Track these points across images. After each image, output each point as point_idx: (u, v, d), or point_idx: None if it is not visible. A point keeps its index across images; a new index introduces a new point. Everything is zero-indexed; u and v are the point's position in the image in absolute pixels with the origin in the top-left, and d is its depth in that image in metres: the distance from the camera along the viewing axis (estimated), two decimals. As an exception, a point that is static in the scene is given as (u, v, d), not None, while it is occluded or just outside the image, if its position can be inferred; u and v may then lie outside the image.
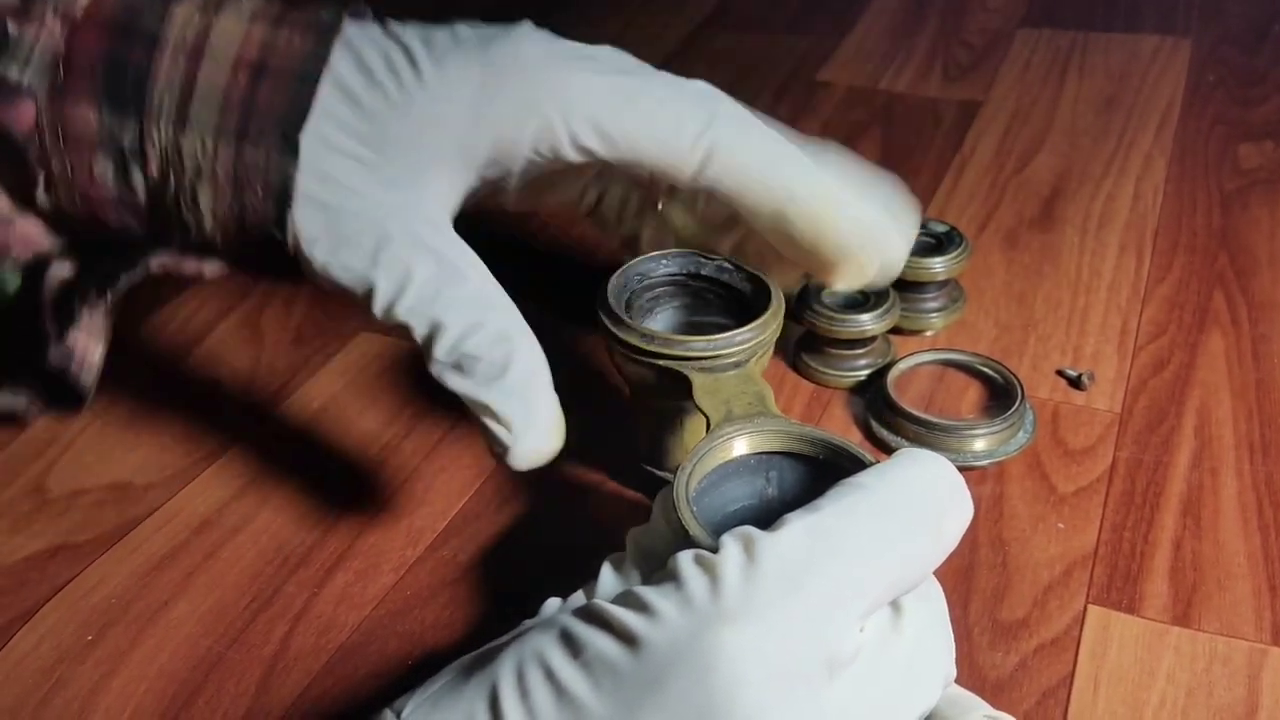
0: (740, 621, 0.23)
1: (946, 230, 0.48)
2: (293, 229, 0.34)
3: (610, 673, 0.23)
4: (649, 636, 0.23)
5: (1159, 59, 0.72)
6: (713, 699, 0.22)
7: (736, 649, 0.23)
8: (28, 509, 0.42)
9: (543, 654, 0.24)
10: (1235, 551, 0.37)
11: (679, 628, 0.23)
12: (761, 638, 0.23)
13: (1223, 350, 0.46)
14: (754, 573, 0.24)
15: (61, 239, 0.37)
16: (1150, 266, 0.52)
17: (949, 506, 0.26)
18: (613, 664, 0.23)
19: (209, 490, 0.43)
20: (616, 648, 0.23)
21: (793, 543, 0.24)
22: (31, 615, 0.38)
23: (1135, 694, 0.33)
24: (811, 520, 0.25)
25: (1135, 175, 0.59)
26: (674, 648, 0.23)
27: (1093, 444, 0.42)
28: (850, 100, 0.70)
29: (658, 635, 0.23)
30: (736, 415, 0.32)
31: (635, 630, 0.23)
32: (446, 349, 0.33)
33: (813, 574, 0.24)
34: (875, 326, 0.44)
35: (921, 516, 0.26)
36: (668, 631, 0.23)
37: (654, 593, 0.24)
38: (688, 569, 0.24)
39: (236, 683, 0.35)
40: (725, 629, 0.23)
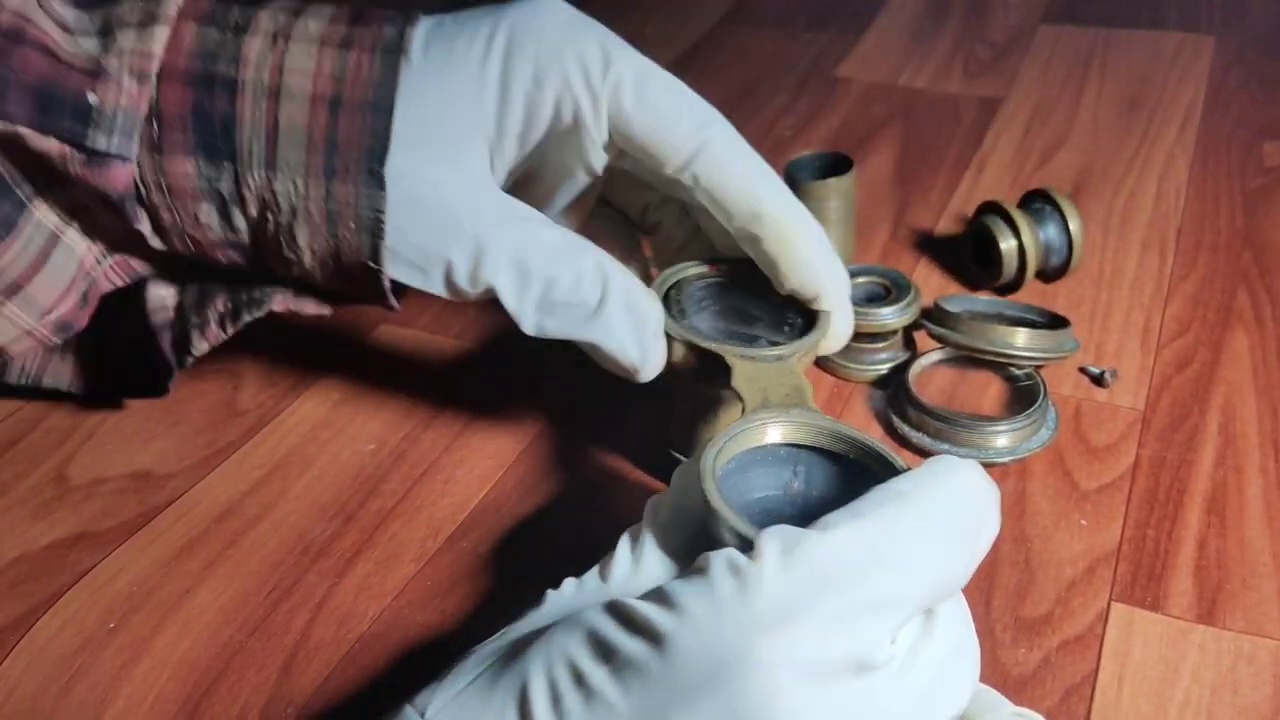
0: (777, 628, 0.22)
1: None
2: (385, 258, 0.35)
3: (640, 676, 0.23)
4: (680, 639, 0.23)
5: (1181, 57, 0.71)
6: (747, 707, 0.22)
7: (772, 657, 0.22)
8: (49, 497, 0.42)
9: (572, 656, 0.24)
10: (1260, 550, 0.37)
11: (712, 631, 0.23)
12: (798, 646, 0.22)
13: (1246, 348, 0.46)
14: (792, 577, 0.23)
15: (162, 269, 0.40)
16: (1174, 264, 0.52)
17: (985, 519, 0.26)
18: (643, 667, 0.23)
19: (230, 480, 0.43)
20: (647, 650, 0.23)
21: (833, 549, 0.24)
22: (53, 602, 0.38)
23: (1159, 692, 0.33)
24: (853, 527, 0.24)
25: (1158, 173, 0.59)
26: (707, 652, 0.22)
27: (1116, 441, 0.42)
28: (870, 96, 0.70)
29: (689, 638, 0.23)
30: (773, 404, 0.32)
31: (666, 631, 0.23)
32: (536, 301, 0.35)
33: (852, 583, 0.23)
34: (896, 320, 0.44)
35: (960, 529, 0.26)
36: (700, 635, 0.23)
37: (686, 591, 0.23)
38: (721, 568, 0.24)
39: (257, 672, 0.35)
40: (761, 636, 0.22)
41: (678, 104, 0.36)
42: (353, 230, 0.35)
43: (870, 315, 0.44)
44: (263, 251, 0.37)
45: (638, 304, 0.36)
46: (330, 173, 0.35)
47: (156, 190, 0.35)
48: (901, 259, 0.53)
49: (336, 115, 0.35)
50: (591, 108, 0.36)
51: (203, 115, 0.35)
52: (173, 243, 0.37)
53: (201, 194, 0.35)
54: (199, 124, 0.35)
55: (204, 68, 0.35)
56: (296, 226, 0.35)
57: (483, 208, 0.35)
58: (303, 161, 0.35)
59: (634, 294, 0.36)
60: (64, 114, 0.34)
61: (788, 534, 0.24)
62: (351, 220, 0.35)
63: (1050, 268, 0.50)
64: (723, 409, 0.39)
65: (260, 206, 0.35)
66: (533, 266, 0.35)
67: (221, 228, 0.36)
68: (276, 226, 0.36)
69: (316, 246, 0.36)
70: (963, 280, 0.51)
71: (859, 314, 0.44)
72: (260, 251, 0.37)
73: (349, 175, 0.35)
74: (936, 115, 0.67)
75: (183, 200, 0.36)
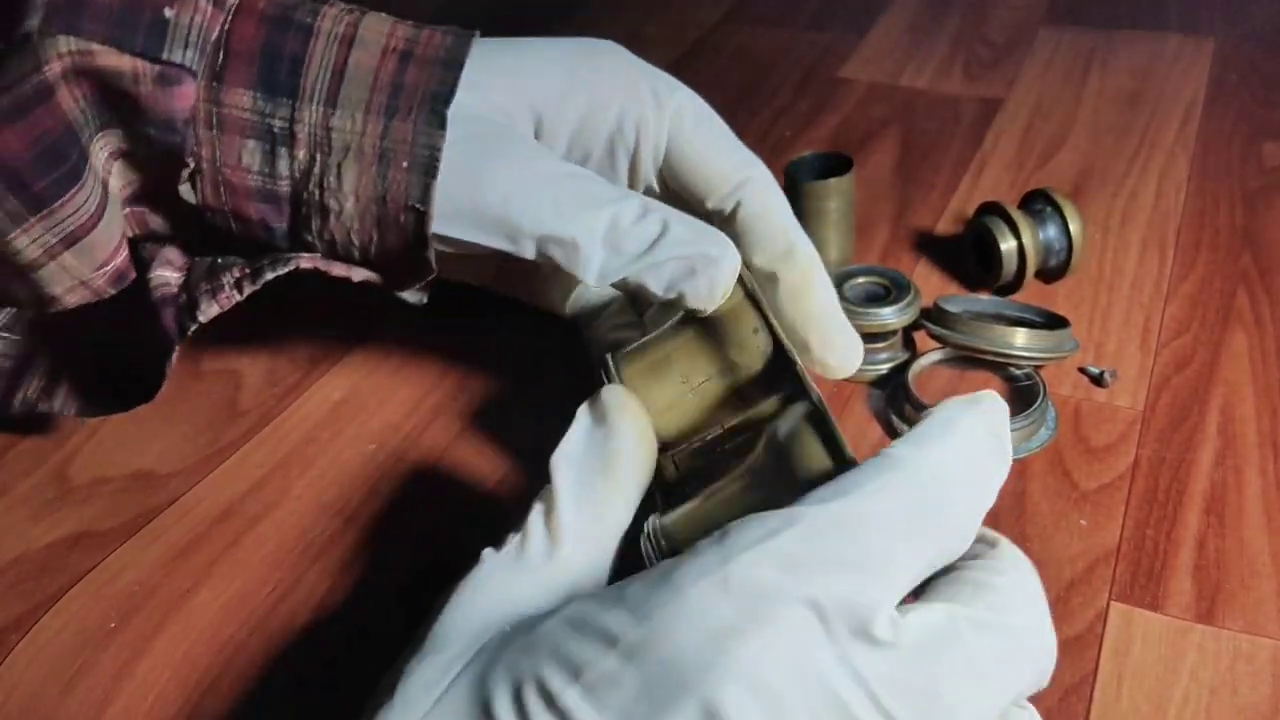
0: (752, 629, 0.22)
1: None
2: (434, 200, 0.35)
3: (616, 690, 0.22)
4: (653, 648, 0.22)
5: (1182, 57, 0.71)
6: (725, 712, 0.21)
7: (748, 659, 0.21)
8: (50, 496, 0.42)
9: (540, 677, 0.23)
10: (1259, 550, 0.37)
11: (685, 636, 0.22)
12: (776, 646, 0.22)
13: (1246, 349, 0.46)
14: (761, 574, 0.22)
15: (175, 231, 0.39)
16: (1173, 264, 0.52)
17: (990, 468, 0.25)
18: (617, 681, 0.22)
19: (230, 479, 0.43)
20: (618, 663, 0.22)
21: (812, 533, 0.23)
22: (54, 602, 0.38)
23: (1159, 691, 0.33)
24: (834, 509, 0.23)
25: (1158, 173, 0.59)
26: (681, 659, 0.22)
27: (1115, 441, 0.42)
28: (871, 97, 0.70)
29: (662, 646, 0.22)
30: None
31: (636, 641, 0.22)
32: (601, 238, 0.35)
33: (834, 573, 0.22)
34: (896, 321, 0.44)
35: (956, 492, 0.25)
36: (673, 642, 0.22)
37: (654, 595, 0.23)
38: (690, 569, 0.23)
39: (258, 671, 0.35)
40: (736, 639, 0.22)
41: (730, 138, 0.39)
42: (404, 170, 0.35)
43: (870, 315, 0.44)
44: (299, 204, 0.36)
45: (698, 225, 0.36)
46: (391, 111, 0.35)
47: (205, 125, 0.35)
48: (901, 259, 0.53)
49: (406, 65, 0.35)
50: (655, 125, 0.38)
51: (272, 51, 0.35)
52: (205, 191, 0.36)
53: (251, 129, 0.35)
54: (267, 59, 0.35)
55: (282, 12, 0.36)
56: (345, 167, 0.35)
57: (539, 155, 0.36)
58: (364, 99, 0.35)
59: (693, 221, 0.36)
60: (139, 30, 0.34)
61: (764, 522, 0.23)
62: (405, 159, 0.35)
63: (1050, 268, 0.50)
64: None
65: (310, 146, 0.35)
66: (593, 205, 0.35)
67: (262, 171, 0.36)
68: (323, 169, 0.35)
69: (363, 190, 0.35)
70: (963, 281, 0.51)
71: (859, 314, 0.44)
72: (297, 204, 0.36)
73: (409, 115, 0.35)
74: (937, 115, 0.67)
75: (230, 136, 0.35)
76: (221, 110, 0.35)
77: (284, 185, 0.36)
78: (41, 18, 0.32)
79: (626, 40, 0.40)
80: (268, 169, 0.36)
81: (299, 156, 0.36)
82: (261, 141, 0.35)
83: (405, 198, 0.35)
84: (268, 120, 0.35)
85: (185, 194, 0.36)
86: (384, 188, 0.35)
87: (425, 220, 0.35)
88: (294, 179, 0.36)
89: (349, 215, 0.36)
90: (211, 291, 0.37)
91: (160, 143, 0.35)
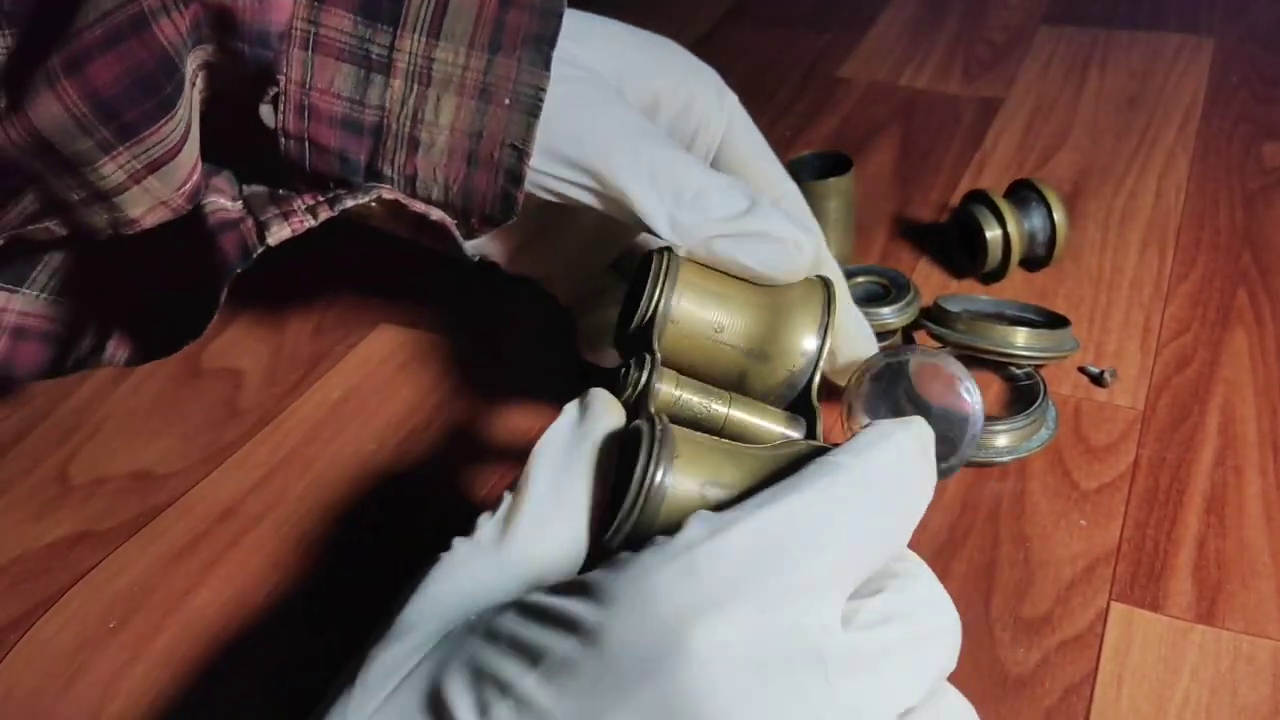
0: (711, 615, 0.22)
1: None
2: (535, 139, 0.35)
3: (573, 674, 0.22)
4: (611, 631, 0.22)
5: (1182, 57, 0.71)
6: (682, 700, 0.21)
7: (706, 646, 0.21)
8: (51, 496, 0.42)
9: (493, 667, 0.23)
10: (1260, 550, 0.37)
11: (643, 621, 0.22)
12: (734, 631, 0.22)
13: (1246, 348, 0.46)
14: (724, 561, 0.22)
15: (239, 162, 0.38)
16: (1173, 264, 0.52)
17: (922, 482, 0.26)
18: (574, 665, 0.22)
19: (231, 479, 0.43)
20: (577, 646, 0.22)
21: (766, 528, 0.23)
22: (55, 601, 0.38)
23: (1159, 692, 0.33)
24: (786, 504, 0.24)
25: (1158, 173, 0.59)
26: (639, 643, 0.21)
27: (1115, 441, 0.42)
28: (870, 96, 0.70)
29: (620, 630, 0.22)
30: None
31: (594, 624, 0.22)
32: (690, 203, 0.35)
33: (788, 563, 0.23)
34: (896, 320, 0.44)
35: (897, 496, 0.26)
36: (632, 625, 0.22)
37: (614, 580, 0.23)
38: (650, 555, 0.23)
39: (258, 671, 0.35)
40: (694, 625, 0.21)
41: (770, 149, 0.41)
42: (506, 106, 0.35)
43: (870, 315, 0.44)
44: (383, 135, 0.36)
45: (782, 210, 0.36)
46: (496, 47, 0.35)
47: (300, 45, 0.34)
48: (901, 259, 0.53)
49: (508, 7, 0.35)
50: (717, 118, 0.40)
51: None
52: (287, 115, 0.35)
53: (347, 54, 0.35)
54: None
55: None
56: (444, 99, 0.35)
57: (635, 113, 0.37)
58: (469, 32, 0.35)
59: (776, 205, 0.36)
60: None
61: (717, 517, 0.23)
62: (507, 96, 0.35)
63: (1036, 255, 0.50)
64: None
65: (408, 76, 0.35)
66: (685, 167, 0.35)
67: (352, 98, 0.35)
68: (420, 100, 0.35)
69: (459, 124, 0.35)
70: (948, 268, 0.51)
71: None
72: (380, 135, 0.36)
73: (515, 52, 0.35)
74: (936, 115, 0.67)
75: (324, 58, 0.35)
76: (320, 31, 0.34)
77: (371, 115, 0.35)
78: None
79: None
80: (358, 96, 0.35)
81: (394, 85, 0.35)
82: (358, 67, 0.35)
83: (504, 135, 0.35)
84: (366, 45, 0.35)
85: (265, 115, 0.35)
86: (482, 123, 0.35)
87: (524, 158, 0.35)
88: (384, 109, 0.35)
89: (440, 149, 0.36)
90: (284, 215, 0.36)
91: (251, 59, 0.34)
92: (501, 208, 0.36)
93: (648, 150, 0.35)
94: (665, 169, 0.35)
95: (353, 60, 0.35)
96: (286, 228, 0.35)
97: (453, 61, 0.35)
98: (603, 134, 0.35)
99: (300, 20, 0.34)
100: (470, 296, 0.47)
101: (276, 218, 0.36)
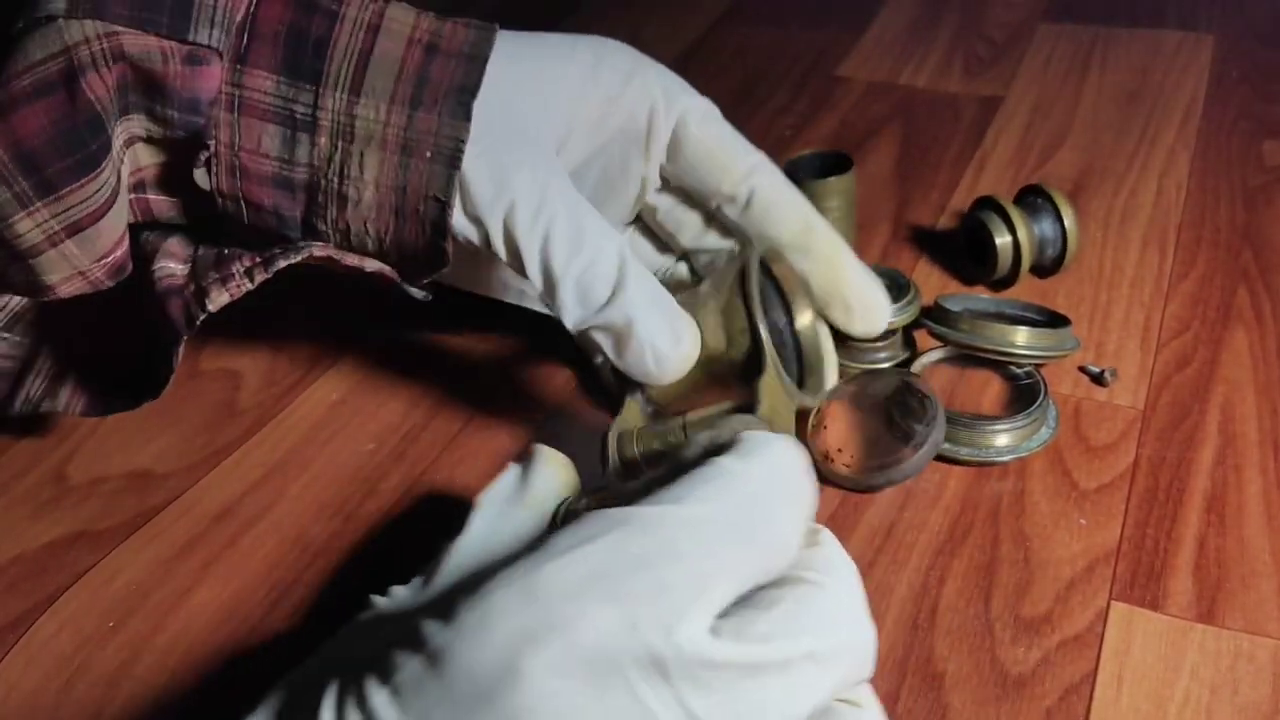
0: (546, 639, 0.21)
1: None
2: (456, 193, 0.35)
3: (419, 695, 0.22)
4: (454, 654, 0.21)
5: (1181, 54, 0.71)
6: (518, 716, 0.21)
7: (542, 671, 0.21)
8: (49, 496, 0.42)
9: (360, 676, 0.23)
10: (1260, 549, 0.37)
11: (483, 643, 0.21)
12: (570, 654, 0.21)
13: (1246, 347, 0.46)
14: (567, 580, 0.22)
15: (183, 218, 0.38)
16: (1174, 262, 0.52)
17: (805, 487, 0.26)
18: (419, 686, 0.22)
19: (229, 479, 0.43)
20: (423, 668, 0.22)
21: (626, 538, 0.23)
22: (53, 601, 0.38)
23: (1159, 691, 0.33)
24: (659, 512, 0.23)
25: (1158, 171, 0.59)
26: (478, 666, 0.21)
27: (1115, 440, 0.42)
28: (870, 95, 0.70)
29: (463, 653, 0.21)
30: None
31: (439, 646, 0.22)
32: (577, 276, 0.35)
33: (642, 575, 0.22)
34: (896, 319, 0.44)
35: (787, 498, 0.25)
36: (472, 648, 0.21)
37: (463, 601, 0.22)
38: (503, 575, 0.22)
39: (257, 671, 0.35)
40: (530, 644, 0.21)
41: (735, 133, 0.41)
42: (428, 160, 0.35)
43: (870, 314, 0.44)
44: (315, 191, 0.36)
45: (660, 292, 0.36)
46: (416, 103, 0.35)
47: (226, 108, 0.35)
48: (901, 258, 0.53)
49: (431, 58, 0.36)
50: (664, 116, 0.39)
51: (297, 34, 0.35)
52: (220, 176, 0.36)
53: (272, 114, 0.35)
54: (291, 42, 0.35)
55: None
56: (368, 155, 0.35)
57: (552, 165, 0.37)
58: (390, 89, 0.35)
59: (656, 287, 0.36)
60: (164, 10, 0.33)
61: (582, 529, 0.23)
62: (429, 150, 0.35)
63: (1045, 262, 0.50)
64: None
65: (332, 133, 0.35)
66: (587, 236, 0.35)
67: (280, 157, 0.35)
68: (345, 157, 0.35)
69: (384, 179, 0.35)
70: (958, 275, 0.51)
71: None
72: (312, 191, 0.36)
73: (435, 106, 0.35)
74: (936, 114, 0.67)
75: (250, 120, 0.35)
76: (243, 94, 0.35)
77: (301, 172, 0.36)
78: (68, 1, 0.32)
79: (626, 40, 0.40)
80: (286, 155, 0.35)
81: (320, 143, 0.35)
82: (283, 127, 0.35)
83: (426, 188, 0.35)
84: (290, 105, 0.35)
85: (199, 179, 0.36)
86: (405, 178, 0.35)
87: (446, 211, 0.35)
88: (312, 166, 0.36)
89: (367, 204, 0.36)
90: (222, 280, 0.37)
91: (182, 125, 0.35)
92: (432, 258, 0.37)
93: (545, 216, 0.35)
94: (559, 239, 0.35)
95: (277, 120, 0.35)
96: (225, 293, 0.36)
97: (374, 118, 0.35)
98: (508, 194, 0.35)
99: (225, 84, 0.35)
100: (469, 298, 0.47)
101: (216, 283, 0.36)
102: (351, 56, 0.35)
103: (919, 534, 0.38)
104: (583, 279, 0.35)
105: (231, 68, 0.35)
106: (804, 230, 0.40)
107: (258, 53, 0.35)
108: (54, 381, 0.42)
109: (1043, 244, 0.49)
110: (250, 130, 0.35)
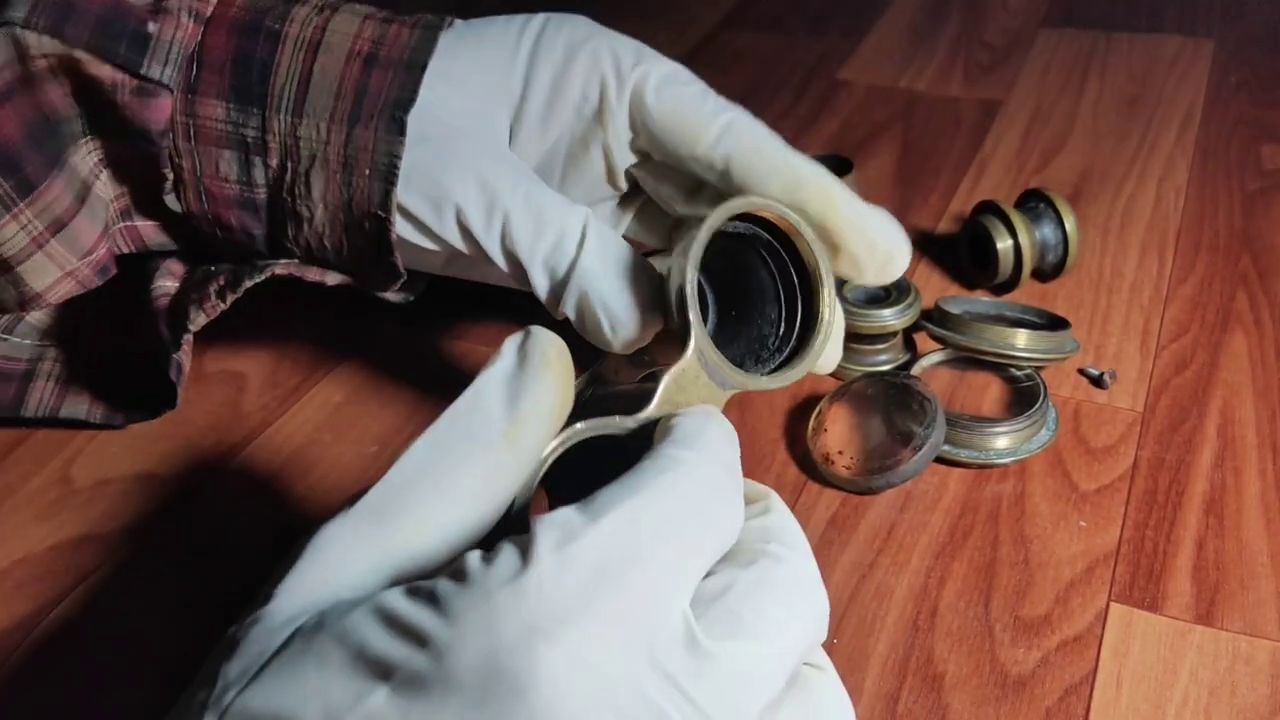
0: (558, 632, 0.21)
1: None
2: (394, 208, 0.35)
3: (423, 692, 0.21)
4: (458, 649, 0.21)
5: (1181, 60, 0.72)
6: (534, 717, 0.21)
7: (555, 664, 0.21)
8: (54, 498, 0.43)
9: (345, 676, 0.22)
10: (1258, 551, 0.37)
11: (490, 640, 0.21)
12: (579, 650, 0.21)
13: (1245, 350, 0.46)
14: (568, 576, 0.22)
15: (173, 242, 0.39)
16: (1173, 266, 0.52)
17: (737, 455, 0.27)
18: (423, 682, 0.21)
19: (233, 482, 0.43)
20: (426, 662, 0.21)
21: (613, 534, 0.23)
22: (58, 604, 0.38)
23: (1158, 692, 0.33)
24: (630, 506, 0.23)
25: (1157, 176, 0.59)
26: (487, 663, 0.21)
27: (1115, 443, 0.42)
28: (870, 99, 0.70)
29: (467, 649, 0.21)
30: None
31: (442, 641, 0.21)
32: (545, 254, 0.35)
33: (636, 569, 0.22)
34: (897, 322, 0.44)
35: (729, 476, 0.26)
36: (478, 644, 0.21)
37: (458, 595, 0.22)
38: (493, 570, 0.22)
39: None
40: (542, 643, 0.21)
41: (701, 91, 0.37)
42: (367, 177, 0.35)
43: (870, 316, 0.44)
44: (276, 211, 0.37)
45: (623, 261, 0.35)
46: (354, 119, 0.35)
47: (183, 137, 0.36)
48: (902, 261, 0.53)
49: (370, 69, 0.36)
50: (616, 89, 0.37)
51: (242, 61, 0.36)
52: (189, 200, 0.37)
53: (226, 140, 0.36)
54: (237, 69, 0.36)
55: (252, 19, 0.36)
56: (313, 175, 0.36)
57: (499, 158, 0.36)
58: (329, 107, 0.35)
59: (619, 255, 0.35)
60: (122, 41, 0.34)
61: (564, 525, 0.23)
62: (367, 166, 0.35)
63: (1046, 266, 0.50)
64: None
65: (282, 154, 0.36)
66: (547, 218, 0.35)
67: (239, 179, 0.36)
68: (294, 176, 0.36)
69: (330, 197, 0.36)
70: (959, 280, 0.52)
71: (859, 315, 0.44)
72: (274, 211, 0.37)
73: (371, 122, 0.35)
74: (936, 118, 0.67)
75: (206, 146, 0.36)
76: (197, 122, 0.36)
77: (261, 193, 0.37)
78: (28, 9, 0.33)
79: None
80: (244, 178, 0.36)
81: (272, 165, 0.36)
82: (237, 151, 0.36)
83: (368, 205, 0.36)
84: (241, 130, 0.36)
85: (170, 203, 0.37)
86: (349, 195, 0.36)
87: (387, 226, 0.36)
88: (269, 187, 0.36)
89: (319, 222, 0.37)
90: (199, 301, 0.38)
91: (140, 152, 0.36)
92: (388, 271, 0.37)
93: (499, 210, 0.35)
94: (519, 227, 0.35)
95: (232, 145, 0.36)
96: (201, 314, 0.38)
97: (316, 137, 0.36)
98: (450, 205, 0.35)
99: (180, 114, 0.36)
100: (472, 297, 0.47)
101: (194, 303, 0.38)
102: (293, 78, 0.36)
103: (919, 535, 0.38)
104: (550, 259, 0.35)
105: (184, 98, 0.36)
106: (791, 187, 0.35)
107: (207, 81, 0.36)
108: (66, 386, 0.42)
109: (1044, 249, 0.49)
110: (209, 156, 0.36)
